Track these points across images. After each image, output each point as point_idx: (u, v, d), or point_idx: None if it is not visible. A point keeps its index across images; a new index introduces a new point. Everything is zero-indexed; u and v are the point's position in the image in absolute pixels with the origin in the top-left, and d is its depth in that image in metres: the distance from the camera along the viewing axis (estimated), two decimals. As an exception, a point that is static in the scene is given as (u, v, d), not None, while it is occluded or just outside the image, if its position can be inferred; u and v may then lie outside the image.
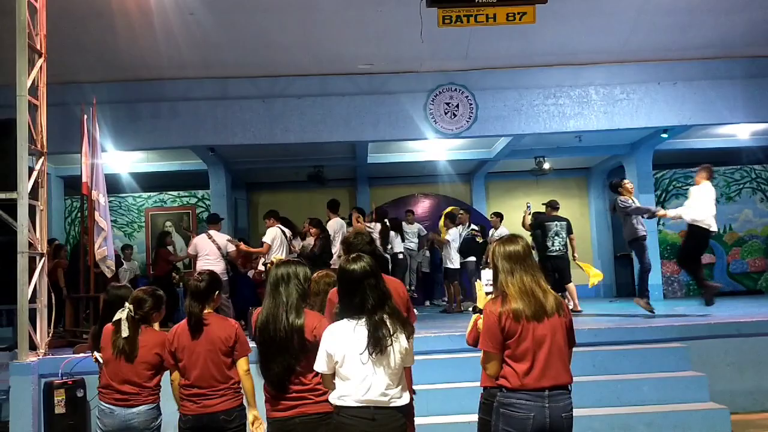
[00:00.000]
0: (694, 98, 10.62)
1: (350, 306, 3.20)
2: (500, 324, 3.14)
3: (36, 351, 6.66)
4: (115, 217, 13.69)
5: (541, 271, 3.30)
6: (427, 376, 5.83)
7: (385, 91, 10.55)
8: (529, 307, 3.12)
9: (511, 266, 3.22)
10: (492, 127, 10.74)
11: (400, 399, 3.15)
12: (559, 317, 3.17)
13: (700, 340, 6.93)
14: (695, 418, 5.95)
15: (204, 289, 4.02)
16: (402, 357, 3.13)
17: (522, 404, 3.09)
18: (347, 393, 3.12)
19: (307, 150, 12.39)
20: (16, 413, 6.34)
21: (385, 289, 3.24)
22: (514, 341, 3.12)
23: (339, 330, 3.18)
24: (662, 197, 14.22)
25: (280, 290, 3.53)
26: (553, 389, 3.09)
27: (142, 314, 4.23)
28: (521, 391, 3.10)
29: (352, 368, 3.10)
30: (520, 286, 3.17)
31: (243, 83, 10.41)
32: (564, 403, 3.11)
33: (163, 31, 8.55)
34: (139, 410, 4.10)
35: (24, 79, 6.61)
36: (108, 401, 4.13)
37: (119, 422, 4.09)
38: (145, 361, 4.13)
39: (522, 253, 3.25)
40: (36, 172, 6.87)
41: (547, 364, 3.10)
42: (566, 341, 3.19)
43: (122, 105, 10.23)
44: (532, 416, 3.05)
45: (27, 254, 6.52)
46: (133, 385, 4.12)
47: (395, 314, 3.18)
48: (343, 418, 3.12)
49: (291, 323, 3.45)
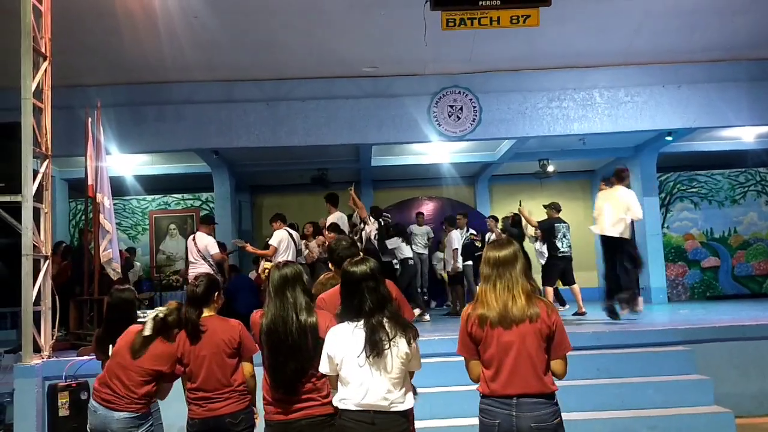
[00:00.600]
0: (699, 101, 10.60)
1: (350, 308, 3.21)
2: (467, 328, 3.12)
3: (40, 354, 6.66)
4: (120, 220, 13.73)
5: (527, 276, 3.17)
6: (430, 379, 5.81)
7: (389, 93, 10.56)
8: (493, 312, 3.06)
9: (489, 271, 3.16)
10: (496, 130, 10.74)
11: (402, 404, 3.14)
12: (530, 323, 3.03)
13: (705, 344, 6.90)
14: (700, 422, 5.92)
15: (201, 293, 4.00)
16: (402, 361, 3.12)
17: (489, 410, 3.06)
18: (347, 396, 3.12)
19: (311, 153, 12.42)
20: (20, 415, 6.34)
21: (385, 293, 3.23)
22: (482, 347, 3.09)
23: (339, 332, 3.19)
24: (666, 200, 14.20)
25: (287, 291, 3.50)
26: (522, 397, 3.00)
27: (167, 325, 4.11)
28: (490, 397, 3.07)
29: (350, 371, 3.10)
30: (491, 292, 3.11)
31: (247, 86, 10.43)
32: (536, 413, 2.99)
33: (167, 34, 8.56)
34: (119, 416, 4.01)
35: (29, 82, 6.61)
36: (96, 399, 4.11)
37: (100, 422, 4.05)
38: (142, 367, 4.04)
39: (505, 259, 3.15)
40: (41, 175, 6.86)
41: (513, 371, 3.01)
42: (540, 348, 3.05)
43: (127, 108, 10.26)
44: (497, 423, 3.01)
45: (31, 257, 6.52)
46: (122, 386, 4.03)
47: (395, 318, 3.17)
48: (344, 421, 3.13)
49: (304, 323, 3.42)
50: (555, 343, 3.08)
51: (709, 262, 14.11)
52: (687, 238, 14.18)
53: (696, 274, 14.09)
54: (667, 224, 14.14)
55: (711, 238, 14.20)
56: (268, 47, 9.34)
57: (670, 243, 14.00)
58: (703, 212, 14.28)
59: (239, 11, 8.23)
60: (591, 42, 9.64)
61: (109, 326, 4.48)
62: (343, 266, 3.37)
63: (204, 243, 8.87)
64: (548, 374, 3.08)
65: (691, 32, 9.41)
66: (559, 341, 3.09)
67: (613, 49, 9.94)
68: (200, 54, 9.38)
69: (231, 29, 8.70)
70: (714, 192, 14.37)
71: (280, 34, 8.94)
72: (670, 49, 10.01)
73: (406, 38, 9.01)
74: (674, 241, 14.07)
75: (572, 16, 8.64)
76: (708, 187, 14.39)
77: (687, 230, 14.22)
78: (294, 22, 8.65)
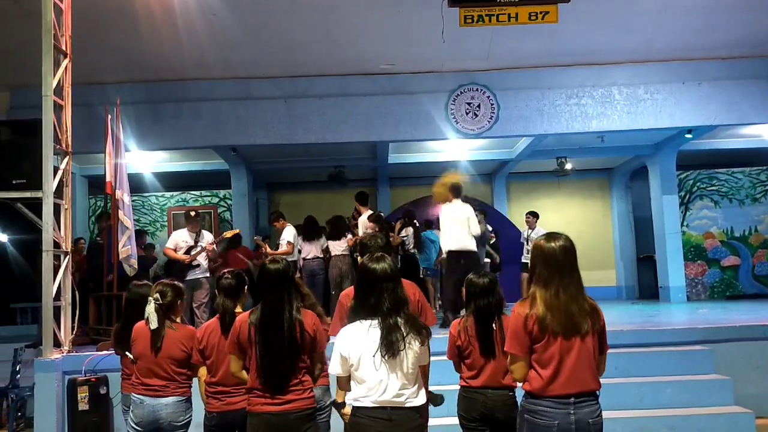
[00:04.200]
0: (719, 98, 10.48)
1: (364, 306, 3.19)
2: (526, 327, 3.00)
3: (60, 348, 6.74)
4: (138, 216, 13.84)
5: (581, 280, 3.07)
6: (445, 377, 5.80)
7: (406, 91, 10.55)
8: (560, 322, 2.96)
9: (549, 274, 3.02)
10: (514, 128, 10.69)
11: (416, 399, 3.14)
12: (592, 326, 3.01)
13: (725, 343, 6.83)
14: (719, 422, 5.86)
15: (235, 286, 4.07)
16: (416, 359, 3.12)
17: (546, 411, 2.97)
18: (363, 394, 3.11)
19: (328, 150, 12.43)
20: (40, 409, 6.43)
21: (402, 295, 3.22)
22: (541, 346, 2.99)
23: (353, 332, 3.17)
24: (686, 198, 14.07)
25: (278, 287, 3.52)
26: (579, 396, 2.98)
27: (167, 303, 4.24)
28: (546, 398, 2.98)
29: (366, 370, 3.09)
30: (554, 302, 2.97)
31: (265, 84, 10.46)
32: (590, 410, 3.00)
33: (185, 32, 8.61)
34: (167, 401, 4.13)
35: (49, 79, 6.69)
36: (139, 391, 4.18)
37: (148, 413, 4.12)
38: (169, 355, 4.16)
39: (563, 260, 3.02)
40: (61, 172, 6.94)
41: (574, 371, 2.96)
42: (596, 347, 3.04)
43: (145, 105, 10.34)
44: (556, 424, 2.95)
45: (52, 252, 6.60)
46: (161, 378, 4.15)
47: (411, 320, 3.16)
48: (360, 419, 3.12)
49: (294, 319, 3.46)
50: (604, 342, 3.14)
51: (729, 261, 13.96)
52: (707, 236, 14.03)
53: (716, 273, 13.94)
54: (687, 223, 14.00)
55: (731, 237, 14.05)
56: (285, 45, 9.36)
57: (689, 241, 13.86)
58: (723, 211, 14.12)
59: (257, 9, 8.26)
60: (610, 39, 9.56)
61: (127, 321, 4.53)
62: (362, 261, 3.37)
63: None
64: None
65: (711, 29, 9.30)
66: (606, 339, 3.15)
67: (633, 45, 9.85)
68: (218, 52, 9.43)
69: (249, 27, 8.74)
70: (734, 190, 14.20)
71: (297, 31, 8.96)
72: (690, 45, 9.90)
73: (424, 35, 8.99)
74: (694, 240, 13.93)
75: (591, 13, 8.58)
76: (728, 186, 14.23)
77: (707, 229, 14.07)
78: (311, 20, 8.67)
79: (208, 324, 4.11)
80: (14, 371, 7.93)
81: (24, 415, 7.77)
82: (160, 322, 4.16)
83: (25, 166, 6.66)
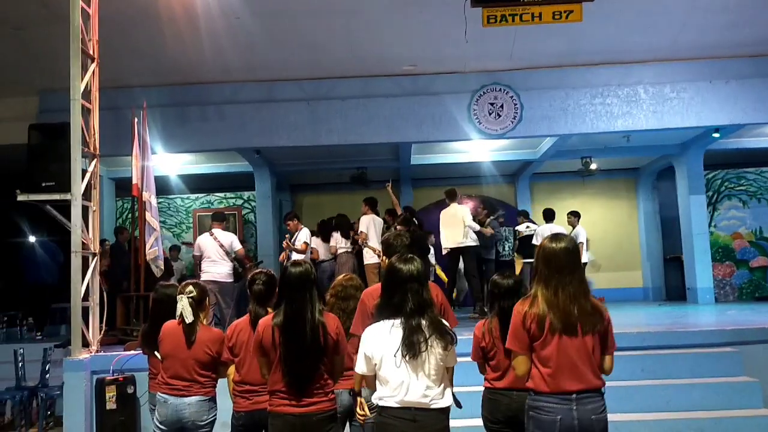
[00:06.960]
0: (747, 96, 10.32)
1: (389, 305, 3.20)
2: (525, 325, 3.07)
3: (88, 348, 6.83)
4: (164, 218, 13.99)
5: (584, 281, 3.14)
6: (469, 378, 5.78)
7: (428, 92, 10.54)
8: (558, 320, 3.02)
9: (549, 274, 3.10)
10: (537, 128, 10.62)
11: (441, 400, 3.15)
12: (593, 325, 3.05)
13: (753, 345, 6.73)
14: (748, 425, 5.78)
15: (266, 291, 4.09)
16: (439, 359, 3.12)
17: (549, 407, 3.04)
18: (388, 394, 3.13)
19: (351, 152, 12.46)
20: (69, 408, 6.53)
21: (427, 297, 3.22)
22: (540, 343, 3.06)
23: (376, 332, 3.19)
24: (714, 198, 13.88)
25: (301, 290, 3.53)
26: (581, 393, 3.03)
27: (198, 299, 4.28)
28: (548, 395, 3.05)
29: (389, 370, 3.11)
30: (553, 301, 3.05)
31: (288, 86, 10.53)
32: (593, 406, 3.03)
33: (209, 36, 8.69)
34: (191, 401, 4.17)
35: (77, 83, 6.79)
36: (164, 390, 4.23)
37: (172, 412, 4.16)
38: (194, 356, 4.20)
39: (564, 260, 3.10)
40: (89, 174, 7.04)
41: (574, 369, 3.02)
42: (598, 346, 3.08)
43: (171, 108, 10.46)
44: (558, 419, 3.01)
45: (80, 254, 6.69)
46: (184, 380, 4.20)
47: (435, 323, 3.16)
48: (385, 419, 3.13)
49: (317, 321, 3.48)
50: (608, 341, 3.15)
51: (758, 262, 13.74)
52: (735, 237, 13.83)
53: (744, 274, 13.73)
54: (715, 223, 13.81)
55: (760, 237, 13.83)
56: (307, 47, 9.41)
57: (717, 242, 13.67)
58: (751, 210, 13.90)
59: (279, 12, 8.31)
60: (635, 37, 9.47)
61: (155, 322, 4.58)
62: (390, 261, 3.37)
63: (229, 239, 8.77)
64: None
65: (738, 26, 9.18)
66: (611, 339, 3.16)
67: (658, 44, 9.74)
68: (241, 54, 9.50)
69: (271, 30, 8.80)
70: (763, 190, 13.98)
71: (319, 34, 9.01)
72: (717, 43, 9.77)
73: (446, 36, 8.98)
74: (722, 241, 13.74)
75: (616, 11, 8.50)
76: (757, 185, 14.01)
77: (735, 229, 13.87)
78: (333, 22, 8.70)
79: (238, 322, 4.15)
80: (44, 371, 8.07)
81: (53, 414, 7.91)
82: (195, 315, 4.21)
83: (54, 169, 6.77)
